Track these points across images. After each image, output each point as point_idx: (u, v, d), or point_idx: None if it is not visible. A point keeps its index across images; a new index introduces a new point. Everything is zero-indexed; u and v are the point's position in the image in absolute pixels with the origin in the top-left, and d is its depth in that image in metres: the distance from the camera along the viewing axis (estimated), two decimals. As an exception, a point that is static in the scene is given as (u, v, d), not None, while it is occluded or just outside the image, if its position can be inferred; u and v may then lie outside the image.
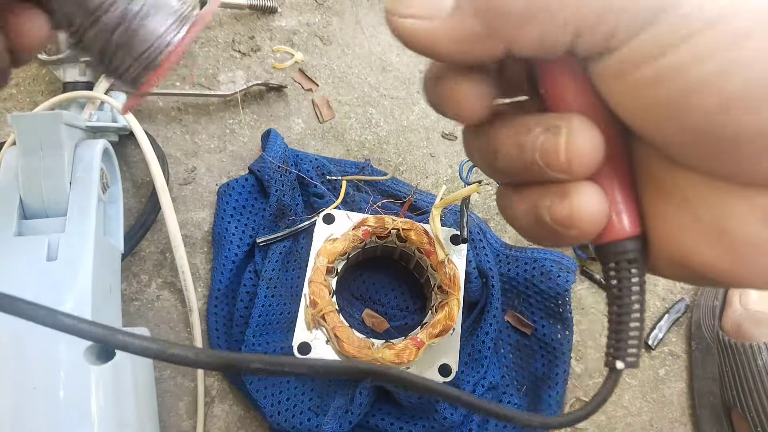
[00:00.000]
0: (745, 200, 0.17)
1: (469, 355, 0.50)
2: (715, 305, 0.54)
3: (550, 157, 0.18)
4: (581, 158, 0.18)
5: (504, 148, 0.19)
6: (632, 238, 0.19)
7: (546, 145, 0.18)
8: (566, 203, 0.18)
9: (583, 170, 0.18)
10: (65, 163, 0.43)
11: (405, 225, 0.50)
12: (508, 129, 0.19)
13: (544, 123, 0.18)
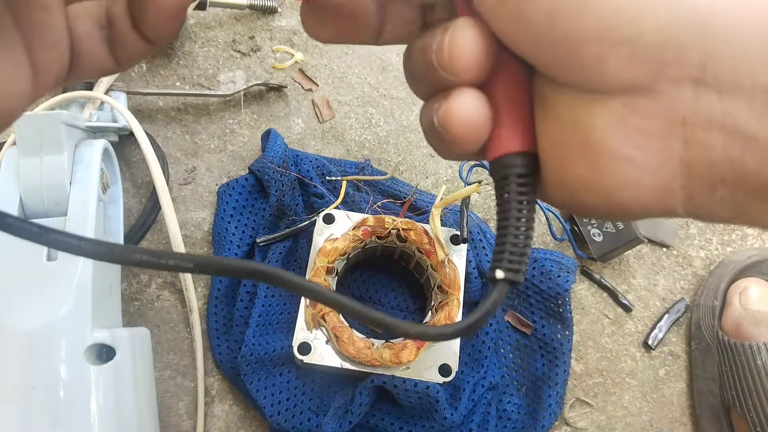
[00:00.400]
0: (602, 107, 0.17)
1: (469, 355, 0.50)
2: (715, 305, 0.54)
3: (438, 55, 0.19)
4: (460, 55, 0.19)
5: (414, 53, 0.21)
6: (521, 153, 0.19)
7: (437, 43, 0.19)
8: (445, 104, 0.19)
9: (462, 68, 0.19)
10: (65, 163, 0.43)
11: (405, 225, 0.50)
12: (419, 39, 0.21)
13: (441, 30, 0.19)
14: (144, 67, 0.58)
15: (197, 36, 0.60)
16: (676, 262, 0.59)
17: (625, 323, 0.57)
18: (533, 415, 0.50)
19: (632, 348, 0.56)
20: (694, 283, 0.58)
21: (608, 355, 0.56)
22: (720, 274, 0.56)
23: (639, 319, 0.57)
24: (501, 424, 0.50)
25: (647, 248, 0.59)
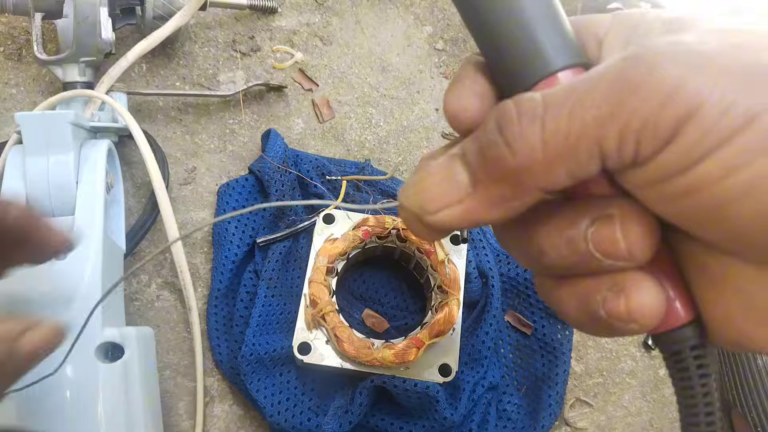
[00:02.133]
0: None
1: (469, 355, 0.50)
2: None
3: (609, 247, 0.17)
4: (641, 243, 0.17)
5: (549, 243, 0.19)
6: (689, 324, 0.19)
7: (602, 235, 0.17)
8: (623, 298, 0.18)
9: (643, 256, 0.17)
10: (72, 163, 0.43)
11: (405, 225, 0.50)
12: (549, 225, 0.19)
13: (590, 214, 0.18)
14: (144, 67, 0.58)
15: (197, 36, 0.60)
16: (676, 262, 0.59)
17: (625, 323, 0.57)
18: (533, 415, 0.50)
19: (632, 348, 0.56)
20: (694, 283, 0.58)
21: (608, 355, 0.56)
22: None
23: (639, 319, 0.57)
24: (501, 424, 0.50)
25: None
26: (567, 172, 0.17)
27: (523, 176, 0.17)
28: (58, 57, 0.50)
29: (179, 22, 0.53)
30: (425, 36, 0.64)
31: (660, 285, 0.18)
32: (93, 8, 0.48)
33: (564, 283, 0.19)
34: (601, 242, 0.18)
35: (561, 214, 0.19)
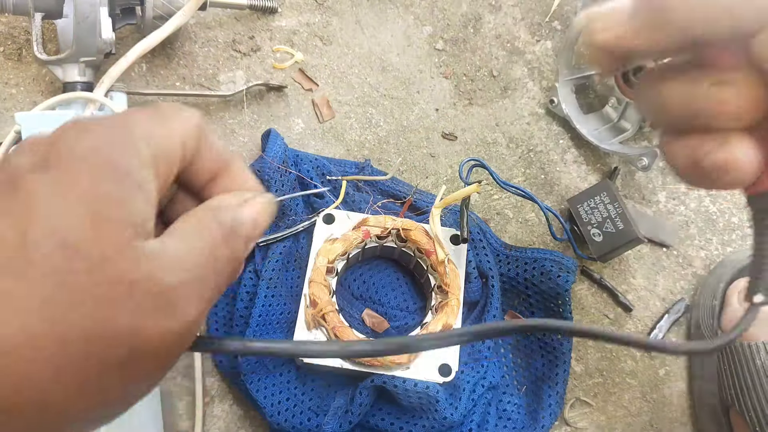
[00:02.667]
0: None
1: (469, 355, 0.50)
2: (714, 305, 0.54)
3: (723, 106, 0.21)
4: (749, 106, 0.21)
5: (675, 98, 0.23)
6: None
7: (719, 94, 0.21)
8: (726, 150, 0.22)
9: (749, 118, 0.21)
10: None
11: (405, 225, 0.50)
12: (677, 82, 0.23)
13: (712, 77, 0.22)
14: (144, 67, 0.58)
15: (197, 36, 0.60)
16: (676, 262, 0.59)
17: (625, 323, 0.57)
18: (533, 415, 0.50)
19: (632, 348, 0.56)
20: (694, 283, 0.58)
21: (608, 355, 0.56)
22: (719, 273, 0.56)
23: (639, 319, 0.57)
24: (501, 424, 0.50)
25: (647, 248, 0.59)
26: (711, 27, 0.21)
27: (672, 15, 0.21)
28: (58, 57, 0.50)
29: (179, 22, 0.53)
30: (425, 36, 0.64)
31: (758, 148, 0.22)
32: (93, 8, 0.48)
33: (680, 138, 0.24)
34: (718, 101, 0.21)
35: (689, 74, 0.22)
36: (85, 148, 0.21)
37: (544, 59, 0.64)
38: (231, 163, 0.26)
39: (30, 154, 0.21)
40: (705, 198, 0.61)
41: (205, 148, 0.24)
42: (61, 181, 0.20)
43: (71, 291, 0.19)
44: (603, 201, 0.54)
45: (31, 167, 0.21)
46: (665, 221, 0.59)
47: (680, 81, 0.23)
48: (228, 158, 0.26)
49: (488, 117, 0.62)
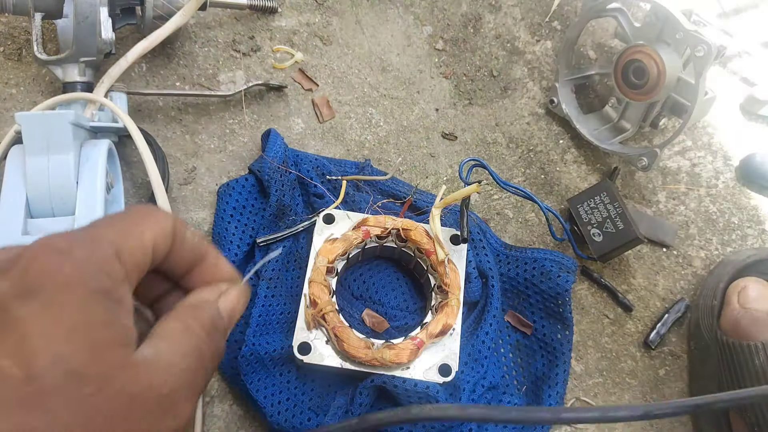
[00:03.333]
0: None
1: (469, 355, 0.50)
2: (714, 305, 0.54)
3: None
4: None
5: None
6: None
7: None
8: None
9: None
10: (72, 163, 0.43)
11: (405, 225, 0.50)
12: None
13: None
14: (144, 67, 0.58)
15: (197, 36, 0.60)
16: (676, 262, 0.59)
17: (625, 323, 0.57)
18: (533, 415, 0.50)
19: (632, 348, 0.56)
20: (694, 283, 0.58)
21: (608, 355, 0.56)
22: (719, 273, 0.56)
23: (639, 319, 0.57)
24: (501, 425, 0.50)
25: (647, 248, 0.59)
26: None
27: None
28: (58, 57, 0.50)
29: (179, 22, 0.53)
30: (425, 36, 0.64)
31: None
32: (93, 8, 0.48)
33: None
34: None
35: None
36: (65, 275, 0.22)
37: (544, 59, 0.64)
38: (206, 255, 0.28)
39: (9, 281, 0.22)
40: (705, 198, 0.61)
41: (179, 245, 0.26)
42: (50, 310, 0.21)
43: (87, 414, 0.21)
44: (603, 201, 0.54)
45: (14, 294, 0.22)
46: (665, 221, 0.59)
47: None
48: (203, 250, 0.28)
49: (488, 117, 0.62)
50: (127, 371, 0.22)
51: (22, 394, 0.20)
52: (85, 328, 0.22)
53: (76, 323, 0.22)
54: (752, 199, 0.62)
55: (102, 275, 0.23)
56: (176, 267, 0.27)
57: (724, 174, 0.62)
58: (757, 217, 0.61)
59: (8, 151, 0.45)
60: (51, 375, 0.21)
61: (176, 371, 0.24)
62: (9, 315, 0.21)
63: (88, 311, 0.22)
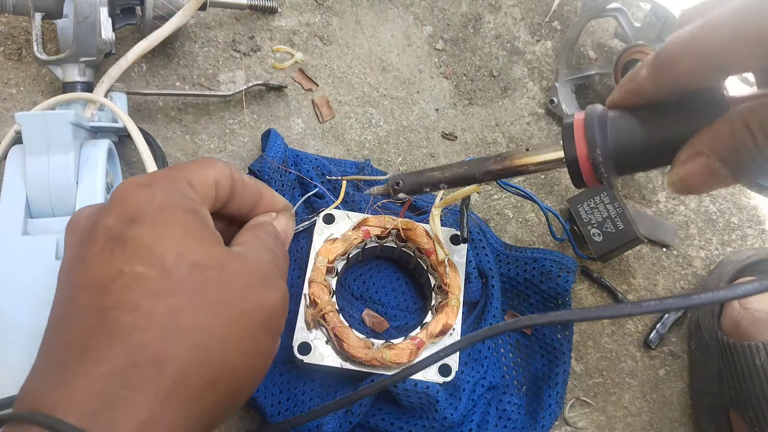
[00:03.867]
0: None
1: (469, 355, 0.50)
2: (714, 305, 0.54)
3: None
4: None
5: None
6: None
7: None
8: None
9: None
10: (72, 163, 0.44)
11: (405, 225, 0.50)
12: None
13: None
14: (144, 67, 0.58)
15: (197, 36, 0.60)
16: (676, 262, 0.59)
17: (625, 323, 0.57)
18: (533, 415, 0.50)
19: (632, 348, 0.56)
20: (694, 283, 0.58)
21: (608, 355, 0.56)
22: (719, 274, 0.56)
23: (639, 319, 0.57)
24: (501, 424, 0.50)
25: (647, 248, 0.59)
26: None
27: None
28: (58, 57, 0.50)
29: (179, 22, 0.53)
30: (425, 36, 0.64)
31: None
32: (93, 8, 0.48)
33: None
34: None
35: None
36: (158, 201, 0.28)
37: (544, 59, 0.64)
38: (263, 192, 0.35)
39: (111, 216, 0.27)
40: (705, 198, 0.61)
41: (241, 187, 0.33)
42: (158, 226, 0.27)
43: (217, 291, 0.27)
44: (603, 201, 0.54)
45: (124, 223, 0.27)
46: (665, 221, 0.59)
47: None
48: (260, 189, 0.35)
49: (488, 117, 0.62)
50: (233, 260, 0.29)
51: (163, 286, 0.26)
52: (191, 234, 0.28)
53: (183, 231, 0.27)
54: (752, 199, 0.62)
55: (185, 199, 0.29)
56: (243, 205, 0.34)
57: (724, 174, 0.62)
58: (757, 217, 0.61)
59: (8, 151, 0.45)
60: (180, 268, 0.26)
61: (265, 259, 0.31)
62: (125, 237, 0.26)
63: (187, 223, 0.28)
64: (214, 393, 0.26)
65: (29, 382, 0.26)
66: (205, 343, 0.26)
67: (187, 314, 0.26)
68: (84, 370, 0.24)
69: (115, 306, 0.25)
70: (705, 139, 0.28)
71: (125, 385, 0.23)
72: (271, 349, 0.31)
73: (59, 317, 0.27)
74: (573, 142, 0.32)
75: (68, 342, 0.25)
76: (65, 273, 0.28)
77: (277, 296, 0.30)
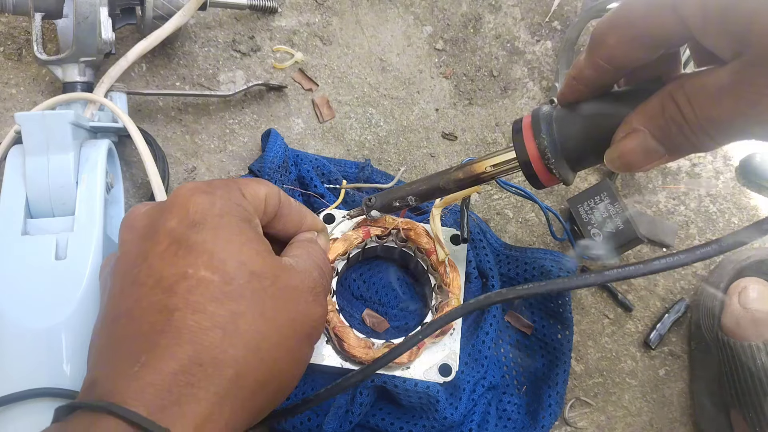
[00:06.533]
0: None
1: (469, 355, 0.50)
2: (715, 305, 0.54)
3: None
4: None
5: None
6: None
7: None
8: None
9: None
10: (72, 163, 0.43)
11: (405, 225, 0.50)
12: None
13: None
14: (144, 67, 0.58)
15: (197, 36, 0.60)
16: (675, 262, 0.59)
17: (625, 323, 0.57)
18: (533, 415, 0.50)
19: (632, 348, 0.56)
20: (694, 283, 0.58)
21: (608, 355, 0.56)
22: (720, 274, 0.56)
23: (639, 319, 0.57)
24: (501, 424, 0.50)
25: (647, 248, 0.59)
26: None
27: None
28: (58, 57, 0.50)
29: (179, 22, 0.53)
30: (425, 36, 0.64)
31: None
32: (93, 8, 0.48)
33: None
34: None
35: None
36: (218, 208, 0.29)
37: (544, 59, 0.64)
38: (306, 216, 0.37)
39: (174, 218, 0.29)
40: (705, 198, 0.61)
41: (287, 208, 0.35)
42: (220, 233, 0.28)
43: (271, 300, 0.29)
44: (603, 201, 0.54)
45: (186, 226, 0.28)
46: (665, 221, 0.59)
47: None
48: (304, 211, 0.37)
49: (488, 117, 0.62)
50: (286, 271, 0.30)
51: (225, 291, 0.27)
52: (249, 243, 0.29)
53: (242, 240, 0.29)
54: (752, 199, 0.62)
55: (241, 209, 0.30)
56: (288, 226, 0.35)
57: (724, 174, 0.62)
58: (757, 217, 0.61)
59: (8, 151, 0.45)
60: (240, 276, 0.28)
61: (314, 275, 0.32)
62: (189, 241, 0.28)
63: (244, 232, 0.29)
64: (264, 392, 0.28)
65: (96, 371, 0.27)
66: (260, 346, 0.27)
67: (246, 320, 0.27)
68: (155, 364, 0.25)
69: (182, 306, 0.26)
70: (638, 115, 0.29)
71: (190, 382, 0.25)
72: (309, 356, 0.33)
73: (125, 312, 0.27)
74: (522, 143, 0.32)
75: (137, 336, 0.26)
76: (125, 268, 0.29)
77: (321, 311, 0.32)
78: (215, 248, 0.28)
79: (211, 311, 0.26)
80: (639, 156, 0.29)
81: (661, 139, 0.28)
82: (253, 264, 0.28)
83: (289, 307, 0.30)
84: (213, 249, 0.28)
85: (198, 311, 0.26)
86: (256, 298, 0.28)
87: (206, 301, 0.27)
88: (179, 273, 0.27)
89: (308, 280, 0.32)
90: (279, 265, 0.30)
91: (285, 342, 0.29)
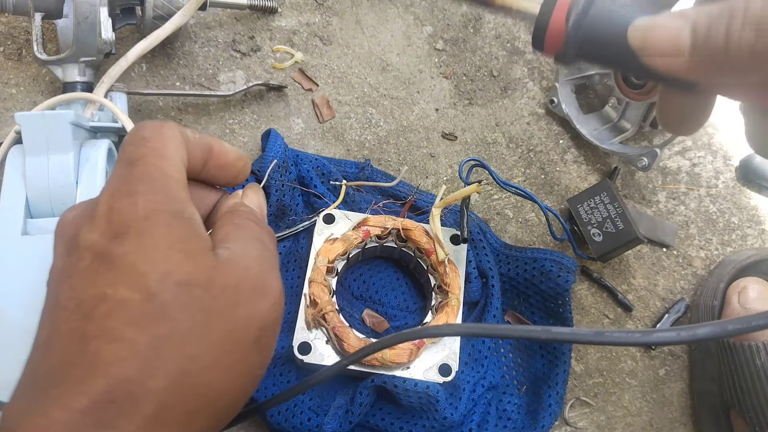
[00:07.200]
0: None
1: (469, 355, 0.50)
2: (714, 305, 0.54)
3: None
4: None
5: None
6: None
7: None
8: None
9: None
10: (72, 163, 0.43)
11: (405, 225, 0.50)
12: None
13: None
14: (144, 67, 0.58)
15: (197, 36, 0.60)
16: (676, 262, 0.59)
17: (625, 323, 0.57)
18: (533, 415, 0.50)
19: (632, 348, 0.56)
20: (694, 283, 0.58)
21: (608, 355, 0.56)
22: (719, 273, 0.56)
23: (639, 319, 0.57)
24: (501, 424, 0.50)
25: (647, 248, 0.59)
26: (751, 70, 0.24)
27: (721, 62, 0.24)
28: (58, 57, 0.50)
29: (179, 22, 0.53)
30: (425, 36, 0.64)
31: None
32: (93, 8, 0.48)
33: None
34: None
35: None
36: (142, 209, 0.26)
37: (544, 59, 0.64)
38: (212, 145, 0.31)
39: (96, 230, 0.26)
40: (705, 198, 0.61)
41: (192, 146, 0.30)
42: (143, 240, 0.25)
43: (203, 312, 0.25)
44: (603, 201, 0.54)
45: (108, 239, 0.25)
46: (665, 221, 0.59)
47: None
48: (208, 142, 0.31)
49: (488, 117, 0.62)
50: (221, 270, 0.26)
51: (146, 311, 0.24)
52: (177, 245, 0.26)
53: (168, 243, 0.25)
54: (752, 199, 0.62)
55: (170, 200, 0.27)
56: (195, 163, 0.31)
57: (724, 174, 0.62)
58: (757, 217, 0.61)
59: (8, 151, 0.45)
60: (164, 290, 0.24)
61: (252, 257, 0.28)
62: (111, 255, 0.25)
63: (173, 231, 0.26)
64: (197, 422, 0.25)
65: (13, 402, 0.25)
66: (189, 372, 0.24)
67: (170, 344, 0.24)
68: (64, 401, 0.23)
69: (98, 334, 0.24)
70: (698, 7, 0.25)
71: (102, 420, 0.22)
72: (263, 363, 0.29)
73: (44, 340, 0.25)
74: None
75: (51, 368, 0.24)
76: (52, 286, 0.27)
77: (269, 303, 0.28)
78: (137, 260, 0.25)
79: (130, 338, 0.23)
80: (665, 40, 0.25)
81: (701, 41, 0.24)
82: (180, 272, 0.25)
83: (227, 316, 0.26)
84: (135, 261, 0.25)
85: (115, 339, 0.23)
86: (184, 315, 0.25)
87: (124, 327, 0.24)
88: (98, 295, 0.24)
89: (248, 268, 0.27)
90: (212, 264, 0.26)
91: (223, 359, 0.26)
